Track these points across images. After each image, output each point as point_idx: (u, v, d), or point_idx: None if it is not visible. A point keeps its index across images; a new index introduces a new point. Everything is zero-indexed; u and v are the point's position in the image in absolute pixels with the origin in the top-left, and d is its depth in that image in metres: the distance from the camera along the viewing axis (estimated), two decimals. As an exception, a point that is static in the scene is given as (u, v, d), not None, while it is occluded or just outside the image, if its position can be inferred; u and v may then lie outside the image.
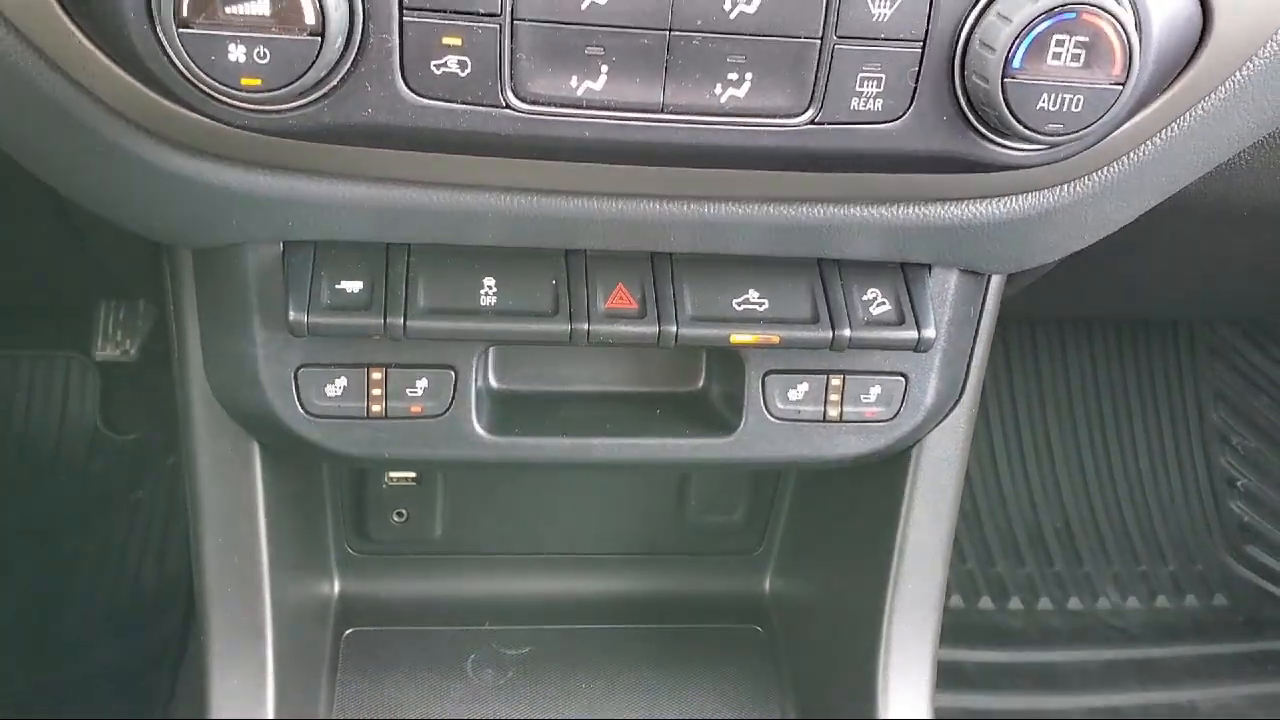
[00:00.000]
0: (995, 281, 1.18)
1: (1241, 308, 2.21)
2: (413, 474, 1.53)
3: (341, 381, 1.08)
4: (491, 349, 1.16)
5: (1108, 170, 0.99)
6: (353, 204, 0.96)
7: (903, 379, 1.15)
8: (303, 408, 1.09)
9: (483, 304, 1.04)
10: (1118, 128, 0.90)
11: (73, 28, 0.83)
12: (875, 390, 1.15)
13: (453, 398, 1.10)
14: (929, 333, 1.07)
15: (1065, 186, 1.00)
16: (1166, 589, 2.32)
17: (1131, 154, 0.98)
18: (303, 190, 0.94)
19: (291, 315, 1.00)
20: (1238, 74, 0.95)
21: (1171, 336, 2.51)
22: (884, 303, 1.09)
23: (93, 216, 1.05)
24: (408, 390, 1.09)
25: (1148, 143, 0.98)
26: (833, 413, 1.14)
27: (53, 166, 0.99)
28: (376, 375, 1.08)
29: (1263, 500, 2.44)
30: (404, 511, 1.56)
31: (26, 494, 2.23)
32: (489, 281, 1.05)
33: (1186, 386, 2.52)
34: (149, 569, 2.10)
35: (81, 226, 1.39)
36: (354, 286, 1.03)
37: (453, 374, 1.09)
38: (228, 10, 0.75)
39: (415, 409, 1.09)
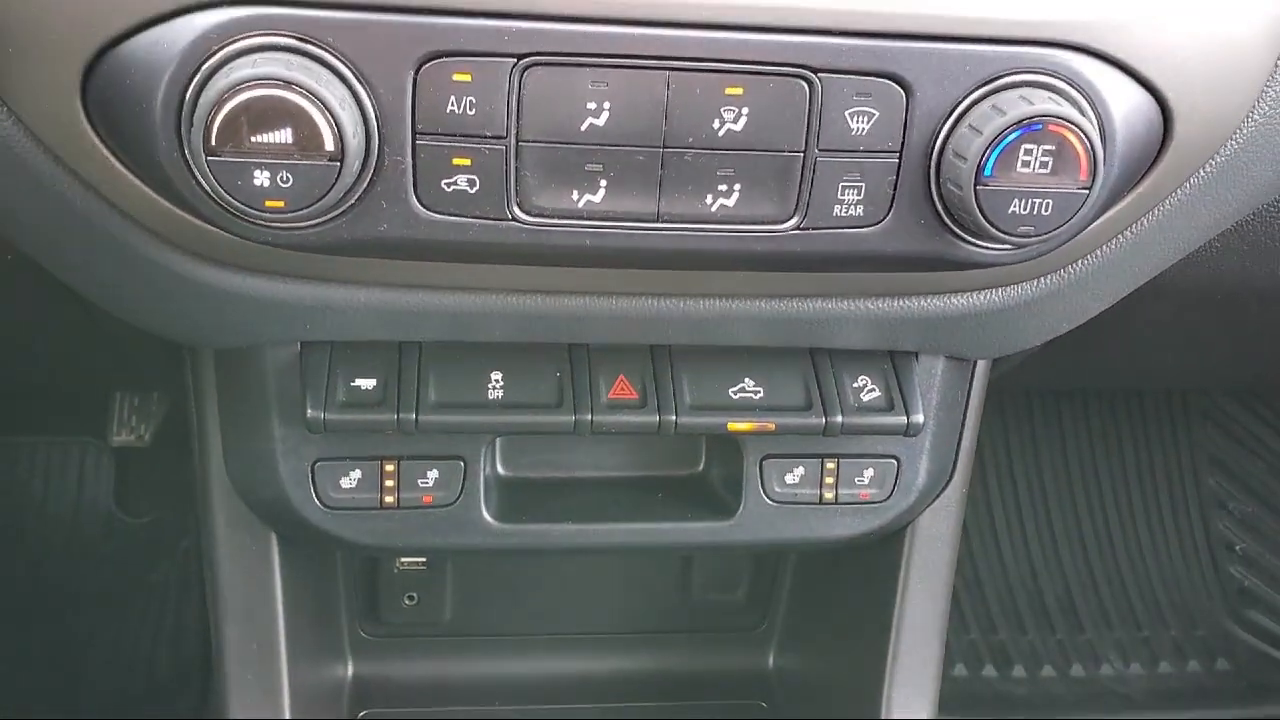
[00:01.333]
0: (981, 366, 1.23)
1: (1226, 379, 2.26)
2: (423, 559, 1.58)
3: (356, 474, 1.13)
4: (499, 437, 1.21)
5: (1081, 263, 1.05)
6: (367, 308, 1.01)
7: (895, 461, 1.20)
8: (319, 500, 1.14)
9: (490, 397, 1.09)
10: (1086, 227, 0.96)
11: (106, 152, 0.89)
12: (869, 473, 1.20)
13: (462, 487, 1.15)
14: (917, 418, 1.12)
15: (1041, 280, 1.05)
16: (1169, 654, 2.34)
17: (1103, 248, 1.04)
18: (320, 296, 1.00)
19: (309, 413, 1.05)
20: (1200, 172, 1.01)
21: (1165, 402, 2.55)
22: (874, 389, 1.14)
23: (114, 315, 1.11)
24: (419, 481, 1.14)
25: (1118, 237, 1.04)
26: (828, 495, 1.19)
27: (80, 275, 1.05)
28: (389, 467, 1.13)
29: (1262, 564, 2.46)
30: (414, 595, 1.60)
31: (42, 576, 2.26)
32: (496, 375, 1.10)
33: (1182, 452, 2.55)
34: (163, 652, 2.13)
35: (100, 320, 1.45)
36: (368, 384, 1.08)
37: (462, 464, 1.14)
38: (253, 139, 0.81)
39: (426, 499, 1.14)
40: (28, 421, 2.36)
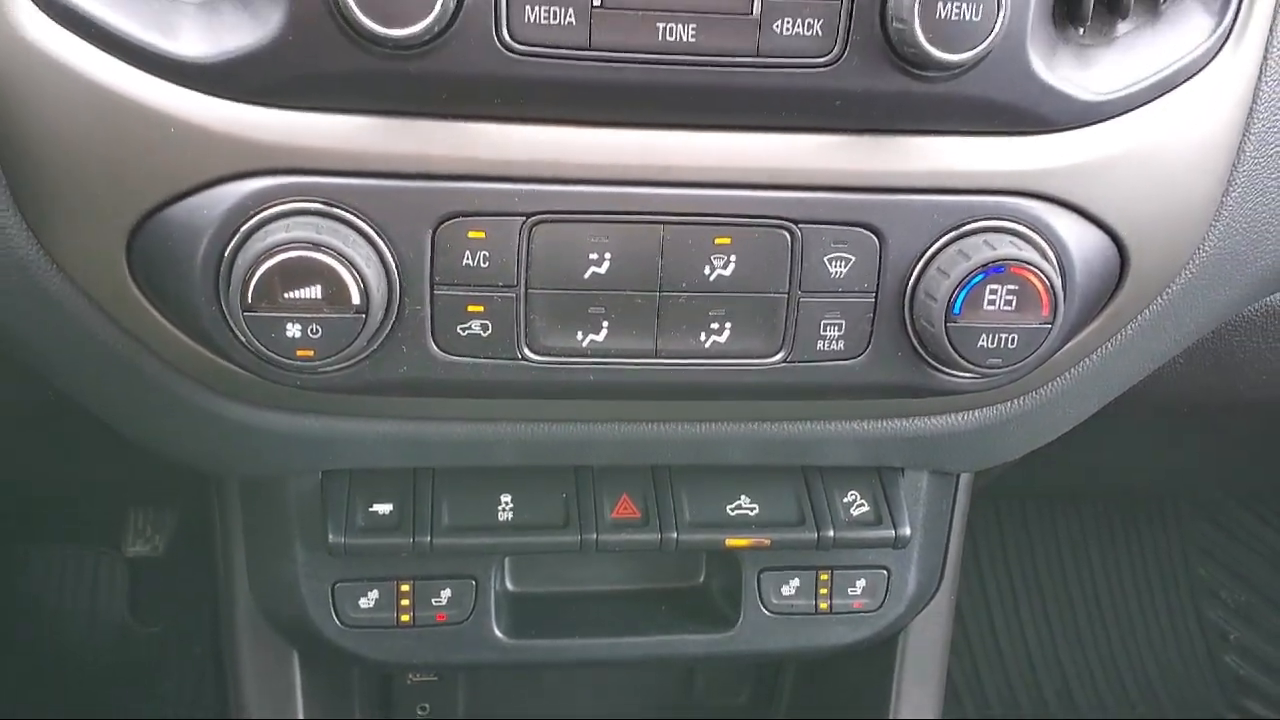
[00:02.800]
0: (964, 478, 1.30)
1: (1205, 480, 2.32)
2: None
3: (373, 594, 1.20)
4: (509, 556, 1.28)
5: (1051, 385, 1.12)
6: (384, 439, 1.09)
7: (885, 572, 1.26)
8: (338, 619, 1.20)
9: (500, 519, 1.16)
10: (1051, 356, 1.04)
11: (148, 305, 0.97)
12: (861, 583, 1.26)
13: (474, 605, 1.21)
14: (904, 531, 1.19)
15: (1015, 401, 1.13)
16: (1168, 744, 2.37)
17: (1071, 370, 1.12)
18: (341, 430, 1.07)
19: (331, 539, 1.12)
20: (1158, 300, 1.09)
21: (1154, 495, 2.61)
22: (863, 504, 1.21)
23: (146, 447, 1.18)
24: (433, 600, 1.20)
25: (1085, 360, 1.11)
26: (823, 605, 1.25)
27: (117, 412, 1.12)
28: (405, 587, 1.19)
29: (1256, 653, 2.50)
30: (426, 706, 1.65)
31: (55, 684, 2.30)
32: (505, 498, 1.17)
33: (1172, 542, 2.61)
34: (176, 761, 2.16)
35: (126, 446, 1.52)
36: (385, 509, 1.15)
37: (474, 583, 1.21)
38: (286, 295, 0.89)
39: (440, 617, 1.20)
40: (46, 532, 2.41)
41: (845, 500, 1.21)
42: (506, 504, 1.17)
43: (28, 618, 2.36)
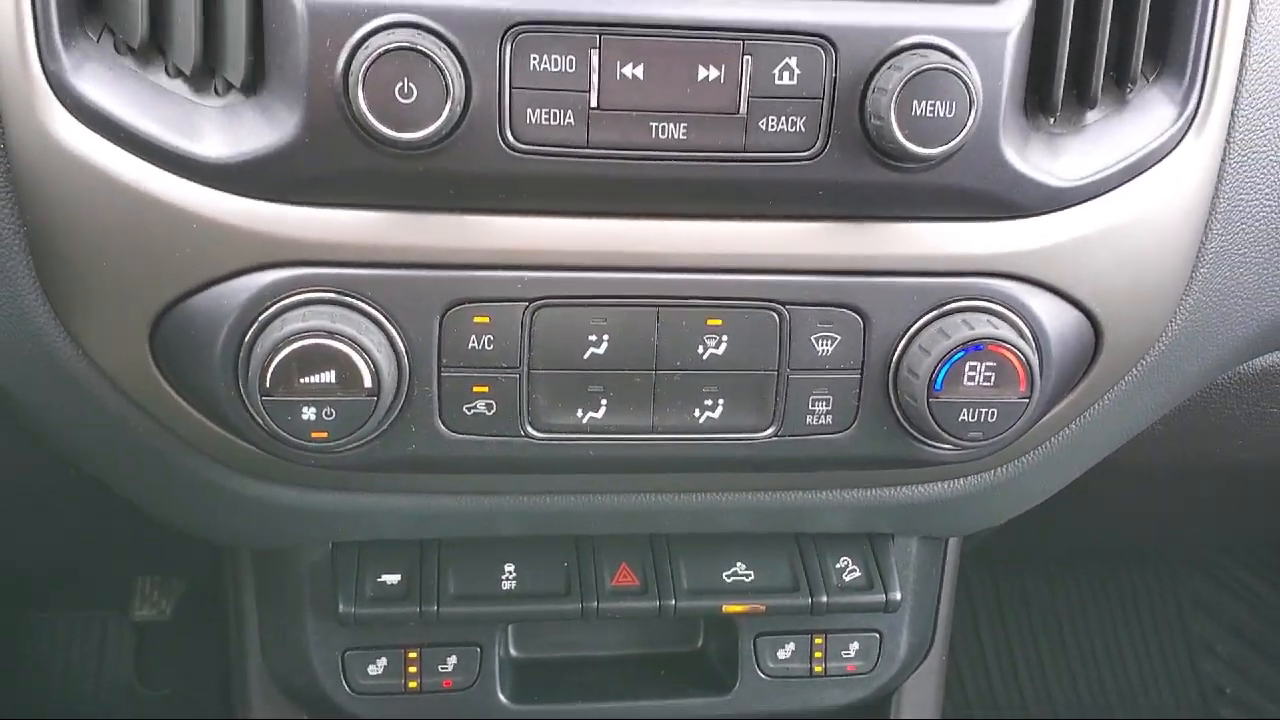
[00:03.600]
0: (953, 542, 1.34)
1: (1191, 539, 2.36)
2: None
3: (382, 661, 1.24)
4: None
5: (1033, 454, 1.17)
6: (392, 513, 1.13)
7: (878, 635, 1.30)
8: (348, 686, 1.24)
9: (504, 588, 1.20)
10: (1031, 428, 1.08)
11: (169, 389, 1.02)
12: (854, 646, 1.30)
13: (479, 671, 1.25)
14: (895, 595, 1.23)
15: (997, 470, 1.18)
16: (1167, 800, 2.39)
17: (1051, 440, 1.17)
18: (351, 504, 1.12)
19: (341, 609, 1.16)
20: (1133, 372, 1.14)
21: (1147, 553, 2.64)
22: (855, 569, 1.25)
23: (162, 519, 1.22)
24: (439, 667, 1.24)
25: (1064, 429, 1.16)
26: (818, 668, 1.29)
27: (136, 489, 1.17)
28: (413, 654, 1.24)
29: (1253, 706, 2.52)
30: None
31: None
32: (509, 567, 1.21)
33: (1167, 597, 2.64)
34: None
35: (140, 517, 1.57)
36: (393, 579, 1.19)
37: (478, 650, 1.25)
38: (301, 381, 0.94)
39: (446, 683, 1.24)
40: (54, 597, 2.44)
41: (837, 566, 1.25)
42: (510, 573, 1.21)
43: (34, 681, 2.39)
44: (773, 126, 0.94)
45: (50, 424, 1.11)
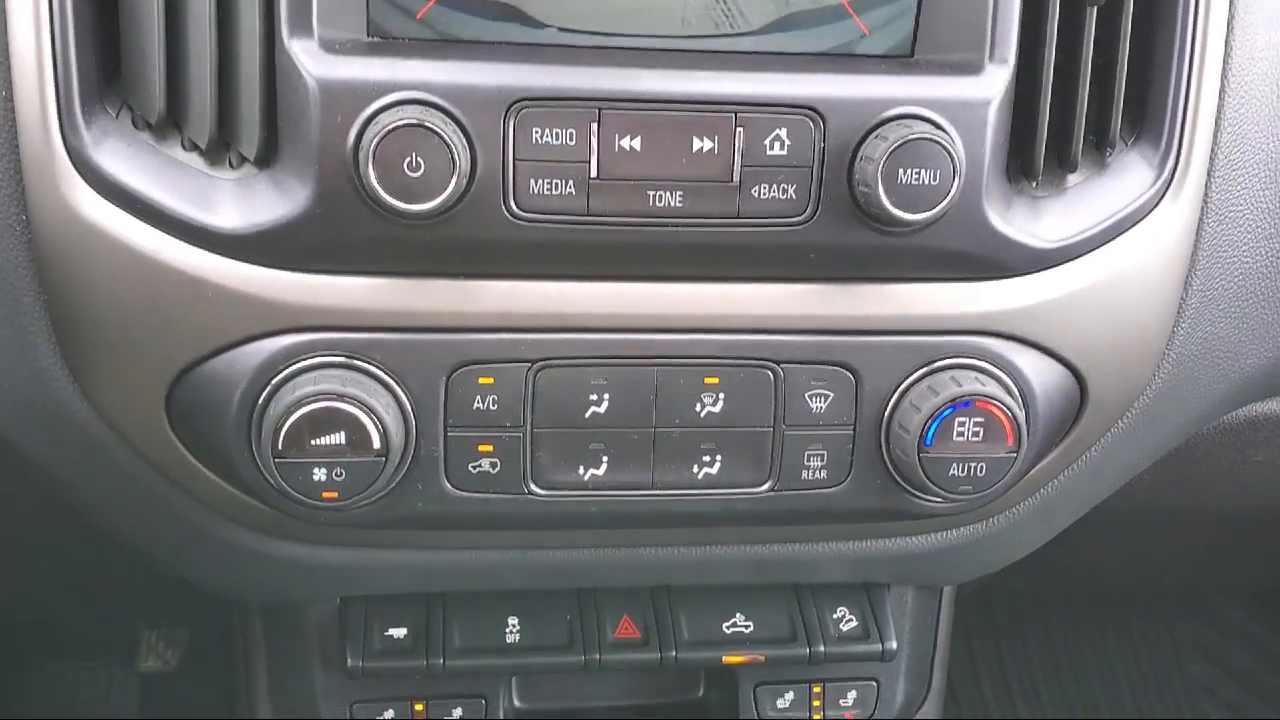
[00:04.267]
0: (947, 590, 1.37)
1: (1190, 579, 2.38)
2: None
3: (389, 713, 1.26)
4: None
5: (1021, 505, 1.20)
6: (399, 568, 1.16)
7: (875, 683, 1.33)
8: None
9: (508, 641, 1.23)
10: (1018, 481, 1.12)
11: (183, 450, 1.05)
12: (852, 694, 1.32)
13: None
14: (891, 644, 1.26)
15: (988, 521, 1.21)
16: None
17: (1040, 491, 1.20)
18: (359, 560, 1.15)
19: (349, 662, 1.19)
20: (1119, 424, 1.17)
21: (1144, 596, 2.66)
22: (851, 619, 1.28)
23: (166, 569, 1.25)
24: (445, 718, 1.27)
25: (1053, 481, 1.19)
26: (816, 717, 1.32)
27: (150, 545, 1.20)
28: (419, 706, 1.26)
29: (1254, 750, 2.53)
30: None
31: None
32: (513, 621, 1.24)
33: (1165, 640, 2.65)
34: None
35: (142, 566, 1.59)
36: (399, 633, 1.22)
37: (483, 702, 1.27)
38: (313, 442, 0.97)
39: None
40: (59, 647, 2.46)
41: (835, 616, 1.28)
42: (514, 626, 1.24)
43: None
44: (765, 194, 0.98)
45: (63, 479, 1.15)
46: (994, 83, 1.00)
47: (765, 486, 1.08)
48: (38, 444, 1.10)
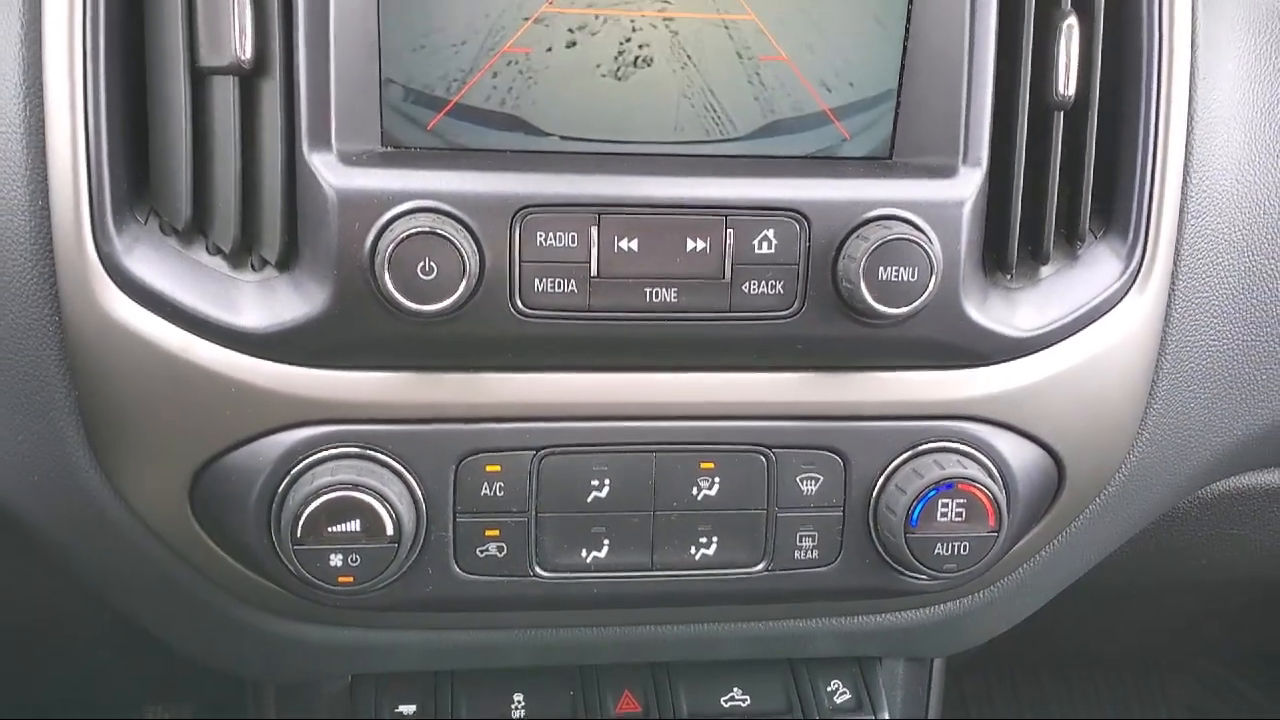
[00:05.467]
0: (937, 661, 1.41)
1: (1180, 647, 2.42)
2: None
3: None
4: None
5: (1005, 580, 1.26)
6: (409, 647, 1.21)
7: (869, 753, 1.37)
8: None
9: (514, 716, 1.27)
10: (1001, 559, 1.17)
11: (205, 537, 1.10)
12: (848, 763, 1.36)
13: None
14: (884, 716, 1.31)
15: (973, 595, 1.26)
16: None
17: (1022, 567, 1.25)
18: (370, 640, 1.20)
19: None
20: (1096, 501, 1.23)
21: (1136, 661, 2.69)
22: (845, 692, 1.33)
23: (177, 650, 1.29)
24: None
25: (1035, 557, 1.25)
26: (814, 786, 1.36)
27: (169, 628, 1.25)
28: None
29: (1248, 812, 2.55)
30: None
31: None
32: (518, 697, 1.29)
33: (1159, 702, 2.67)
34: None
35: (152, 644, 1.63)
36: (409, 709, 1.27)
37: None
38: (329, 530, 1.03)
39: None
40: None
41: (829, 689, 1.33)
42: (519, 703, 1.28)
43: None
44: (755, 289, 1.05)
45: (84, 562, 1.20)
46: (967, 184, 1.07)
47: (760, 566, 1.13)
48: (62, 529, 1.15)
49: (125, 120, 1.03)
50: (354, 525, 1.03)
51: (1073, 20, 1.09)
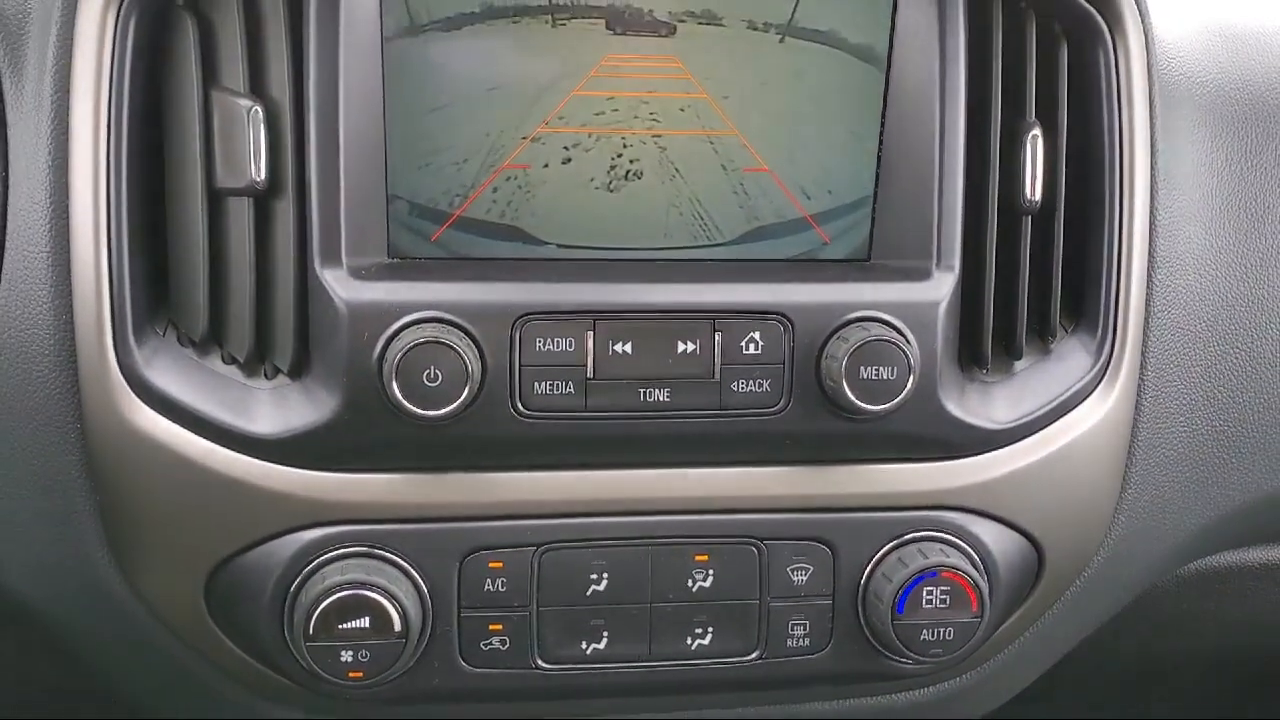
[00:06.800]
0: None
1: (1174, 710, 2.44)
2: None
3: None
4: None
5: (992, 661, 1.30)
6: None
7: None
8: None
9: None
10: (986, 642, 1.21)
11: (219, 633, 1.14)
12: None
13: None
14: (880, 800, 1.33)
15: (963, 676, 1.30)
16: None
17: (1007, 648, 1.29)
18: None
19: None
20: (1076, 583, 1.27)
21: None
22: (840, 771, 1.35)
23: None
24: None
25: (1018, 639, 1.29)
26: None
27: (172, 713, 1.28)
28: None
29: None
30: None
31: None
32: None
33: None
34: None
35: None
36: None
37: None
38: (340, 627, 1.07)
39: None
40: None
41: None
42: None
43: None
44: (743, 388, 1.10)
45: (98, 657, 1.23)
46: (941, 287, 1.13)
47: (753, 655, 1.17)
48: (80, 625, 1.20)
49: (145, 237, 1.09)
50: (363, 622, 1.07)
51: (1037, 131, 1.16)
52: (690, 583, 1.15)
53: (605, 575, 1.14)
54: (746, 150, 1.15)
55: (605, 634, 1.15)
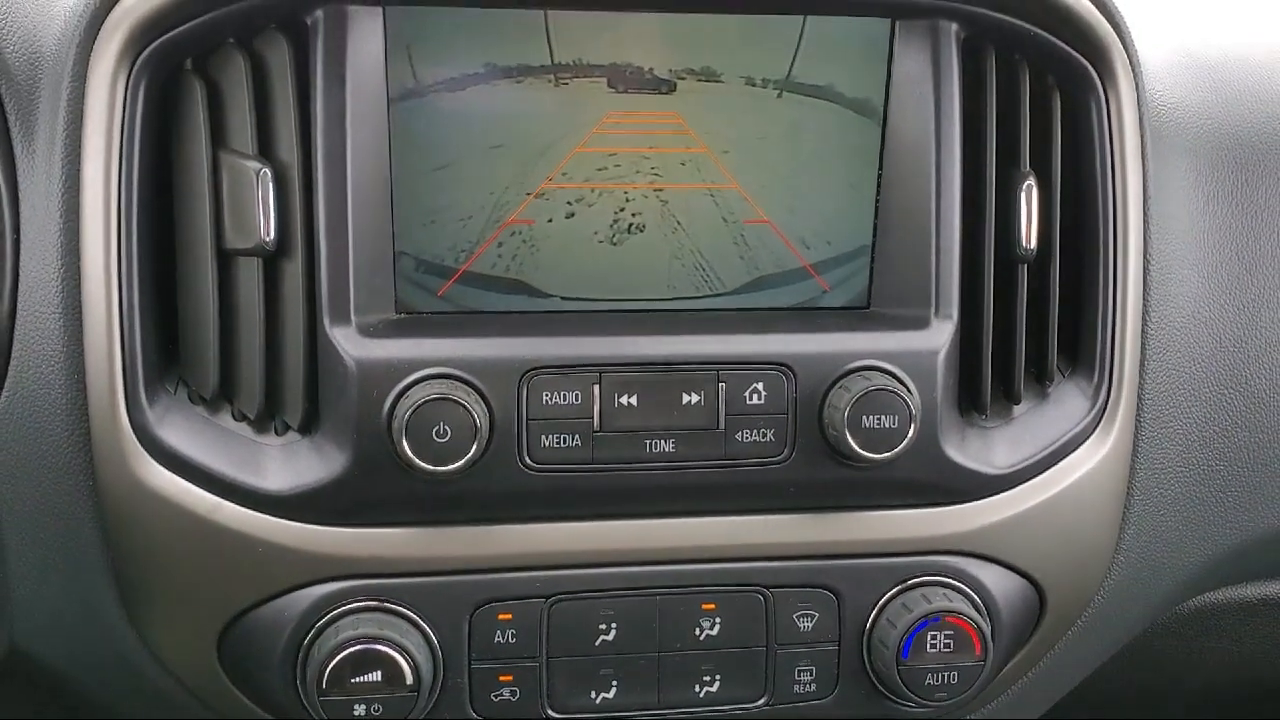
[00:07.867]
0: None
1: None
2: None
3: None
4: None
5: (996, 702, 1.31)
6: None
7: None
8: None
9: None
10: (990, 684, 1.22)
11: (233, 687, 1.15)
12: None
13: None
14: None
15: (969, 717, 1.31)
16: None
17: (1011, 688, 1.30)
18: None
19: None
20: (1078, 623, 1.29)
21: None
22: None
23: None
24: None
25: (1024, 677, 1.30)
26: None
27: None
28: None
29: None
30: None
31: None
32: None
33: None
34: None
35: None
36: None
37: None
38: (352, 681, 1.08)
39: None
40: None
41: None
42: None
43: None
44: (747, 438, 1.12)
45: (110, 711, 1.24)
46: (940, 335, 1.15)
47: (761, 701, 1.19)
48: (92, 680, 1.20)
49: (156, 297, 1.10)
50: (376, 676, 1.08)
51: (1032, 181, 1.18)
52: (698, 631, 1.17)
53: (614, 625, 1.15)
54: (746, 202, 1.17)
55: (614, 683, 1.16)
